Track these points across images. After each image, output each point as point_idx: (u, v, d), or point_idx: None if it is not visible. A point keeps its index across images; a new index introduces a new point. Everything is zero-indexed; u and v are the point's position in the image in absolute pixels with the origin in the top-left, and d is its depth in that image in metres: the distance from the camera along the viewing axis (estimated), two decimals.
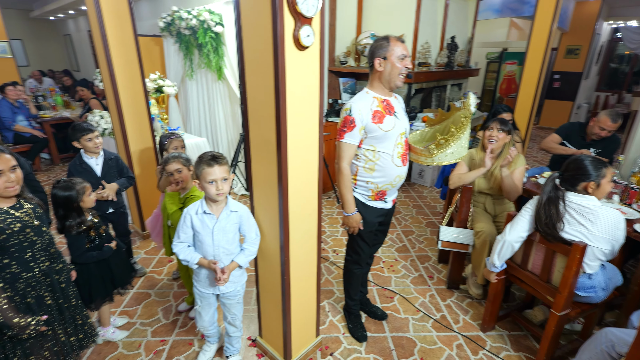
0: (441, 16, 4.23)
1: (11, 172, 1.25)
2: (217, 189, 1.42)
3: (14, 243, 1.26)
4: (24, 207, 1.32)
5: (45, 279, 1.38)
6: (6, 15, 7.70)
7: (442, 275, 2.60)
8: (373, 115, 1.58)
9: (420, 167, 4.39)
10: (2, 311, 1.22)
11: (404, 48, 1.57)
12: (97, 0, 2.33)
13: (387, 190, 1.72)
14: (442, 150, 1.65)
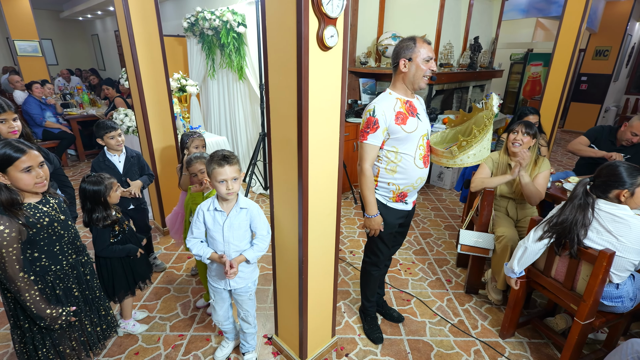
0: (465, 16, 4.16)
1: (40, 168, 1.29)
2: (227, 188, 1.45)
3: (43, 237, 1.31)
4: (50, 202, 1.36)
5: (72, 271, 1.43)
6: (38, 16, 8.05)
7: (460, 279, 2.56)
8: (396, 116, 1.58)
9: (440, 169, 4.33)
10: (34, 303, 1.27)
11: (430, 50, 1.56)
12: (125, 1, 2.41)
13: (408, 192, 1.71)
14: (464, 152, 1.63)
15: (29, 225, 1.25)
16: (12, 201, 1.22)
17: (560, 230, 1.60)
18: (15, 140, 1.27)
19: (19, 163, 1.23)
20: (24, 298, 1.25)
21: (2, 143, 1.23)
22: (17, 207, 1.23)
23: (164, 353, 1.89)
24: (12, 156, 1.22)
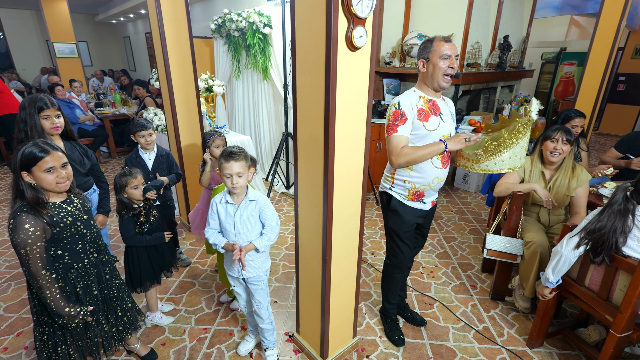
0: (494, 14, 4.04)
1: (62, 168, 1.31)
2: (232, 182, 1.51)
3: (66, 235, 1.34)
4: (74, 201, 1.40)
5: (93, 269, 1.46)
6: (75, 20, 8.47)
7: (485, 285, 2.49)
8: (418, 112, 1.58)
9: (465, 172, 4.23)
10: (54, 300, 1.30)
11: (450, 47, 1.53)
12: (158, 5, 2.49)
13: (425, 191, 1.69)
14: (491, 157, 1.57)
15: (52, 224, 1.28)
16: (37, 200, 1.25)
17: (597, 238, 1.53)
18: (42, 141, 1.30)
19: (42, 163, 1.25)
20: (45, 295, 1.28)
21: (29, 143, 1.27)
22: (42, 206, 1.26)
23: (189, 345, 1.95)
24: (37, 156, 1.25)
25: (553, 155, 2.02)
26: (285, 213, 3.62)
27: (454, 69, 1.54)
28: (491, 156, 1.57)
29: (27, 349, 1.91)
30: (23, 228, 1.20)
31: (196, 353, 1.90)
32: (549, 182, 2.12)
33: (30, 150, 1.25)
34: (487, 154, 1.58)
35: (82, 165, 1.94)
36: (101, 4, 9.91)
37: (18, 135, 1.72)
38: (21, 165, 1.24)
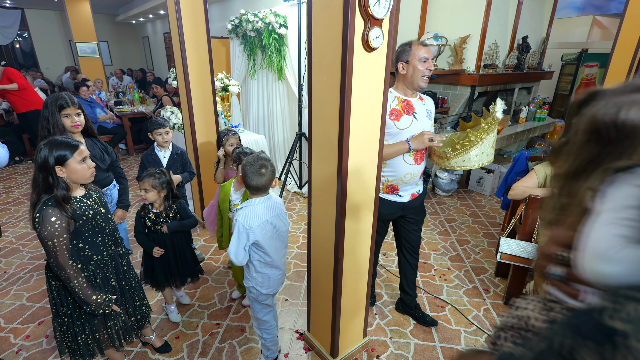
0: (513, 15, 3.97)
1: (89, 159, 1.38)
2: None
3: (87, 228, 1.39)
4: (93, 196, 1.44)
5: (111, 261, 1.50)
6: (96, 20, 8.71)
7: (499, 289, 2.45)
8: (390, 112, 1.69)
9: (479, 174, 4.17)
10: (82, 289, 1.35)
11: (426, 51, 1.65)
12: (178, 6, 2.55)
13: (398, 185, 1.81)
14: (459, 155, 1.68)
15: (75, 218, 1.32)
16: (64, 197, 1.30)
17: None
18: (63, 137, 1.35)
19: (77, 155, 1.31)
20: (73, 285, 1.33)
21: (52, 140, 1.31)
22: (67, 201, 1.31)
23: (202, 339, 1.99)
24: (71, 148, 1.30)
25: None
26: (298, 212, 3.65)
27: (431, 70, 1.67)
28: (459, 154, 1.67)
29: (47, 337, 1.99)
30: (50, 221, 1.25)
31: (208, 347, 1.94)
32: None
33: (65, 144, 1.30)
34: (455, 152, 1.68)
35: (103, 161, 2.00)
36: (122, 5, 10.16)
37: (42, 133, 1.78)
38: (56, 160, 1.27)
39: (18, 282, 2.48)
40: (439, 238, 3.14)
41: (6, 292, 2.37)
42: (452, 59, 3.94)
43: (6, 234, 3.14)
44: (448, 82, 4.06)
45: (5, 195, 4.03)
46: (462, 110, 4.12)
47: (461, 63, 3.85)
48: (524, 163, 2.81)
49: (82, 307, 1.39)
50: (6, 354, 1.87)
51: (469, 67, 3.84)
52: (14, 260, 2.75)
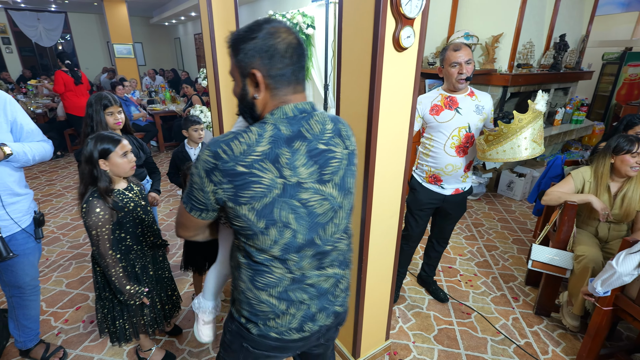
0: (550, 12, 3.80)
1: (131, 153, 1.45)
2: None
3: (128, 220, 1.46)
4: (134, 189, 1.52)
5: (149, 251, 1.59)
6: (132, 22, 9.11)
7: (529, 299, 2.35)
8: (432, 107, 1.86)
9: (510, 178, 4.02)
10: (118, 278, 1.42)
11: (455, 56, 1.76)
12: (210, 7, 2.62)
13: (440, 175, 1.92)
14: (493, 147, 1.71)
15: (117, 209, 1.40)
16: (107, 189, 1.38)
17: None
18: (108, 132, 1.43)
19: (119, 149, 1.39)
20: (110, 273, 1.41)
21: (98, 135, 1.39)
22: (109, 194, 1.39)
23: None
24: (114, 142, 1.38)
25: (634, 169, 1.86)
26: None
27: (463, 73, 1.77)
28: (492, 146, 1.72)
29: (84, 322, 2.10)
30: (94, 212, 1.33)
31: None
32: (615, 195, 1.96)
33: (108, 138, 1.38)
34: (489, 144, 1.73)
35: (139, 157, 2.09)
36: (156, 7, 10.57)
37: (85, 130, 1.88)
38: (100, 153, 1.35)
39: (58, 269, 2.64)
40: (465, 242, 3.06)
41: (48, 277, 2.53)
42: (483, 58, 3.82)
43: (48, 223, 3.34)
44: (478, 83, 3.94)
45: (48, 187, 4.30)
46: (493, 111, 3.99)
47: (493, 63, 3.72)
48: (559, 167, 2.68)
49: (116, 295, 1.48)
50: (47, 336, 2.00)
51: (501, 66, 3.71)
52: (55, 248, 2.93)
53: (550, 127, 4.30)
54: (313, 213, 0.84)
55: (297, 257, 0.87)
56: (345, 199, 0.90)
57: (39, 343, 1.84)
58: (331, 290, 0.96)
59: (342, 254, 0.96)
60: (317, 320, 0.95)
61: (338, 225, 0.91)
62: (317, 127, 0.84)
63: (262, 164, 0.77)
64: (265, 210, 0.79)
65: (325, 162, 0.84)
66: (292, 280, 0.89)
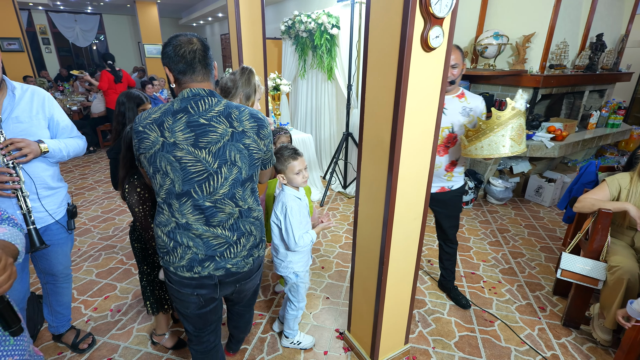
0: (587, 10, 3.63)
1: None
2: (303, 177, 1.64)
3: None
4: None
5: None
6: (162, 23, 9.41)
7: (557, 309, 2.26)
8: None
9: (539, 184, 3.87)
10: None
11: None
12: (237, 8, 2.67)
13: None
14: (472, 143, 1.75)
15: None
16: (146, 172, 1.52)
17: None
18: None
19: None
20: (154, 244, 1.52)
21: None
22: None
23: None
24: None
25: None
26: (341, 212, 3.65)
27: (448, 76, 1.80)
28: (472, 143, 1.75)
29: (112, 311, 2.19)
30: (136, 191, 1.45)
31: (252, 336, 2.01)
32: None
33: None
34: (468, 140, 1.77)
35: None
36: (185, 9, 10.88)
37: (117, 127, 1.91)
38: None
39: (89, 259, 2.77)
40: (489, 248, 2.97)
41: (79, 267, 2.66)
42: (513, 58, 3.70)
43: (80, 215, 3.51)
44: (507, 84, 3.81)
45: (81, 181, 4.51)
46: None
47: (523, 63, 3.60)
48: (593, 173, 2.56)
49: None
50: (77, 322, 2.10)
51: (532, 67, 3.58)
52: (86, 239, 3.07)
53: (583, 130, 4.11)
54: (186, 169, 1.11)
55: (177, 204, 1.15)
56: (225, 168, 1.13)
57: (70, 329, 1.93)
58: (220, 250, 1.20)
59: (230, 218, 1.19)
60: (206, 268, 1.20)
61: (216, 187, 1.14)
62: (203, 107, 1.12)
63: (151, 126, 1.10)
64: (152, 159, 1.12)
65: (203, 132, 1.10)
66: (176, 224, 1.17)
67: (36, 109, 1.51)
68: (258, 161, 1.21)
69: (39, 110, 1.52)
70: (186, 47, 1.11)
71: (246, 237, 1.24)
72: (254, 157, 1.18)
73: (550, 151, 3.52)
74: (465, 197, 3.69)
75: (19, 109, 1.45)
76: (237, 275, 1.27)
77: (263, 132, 1.19)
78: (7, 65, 6.35)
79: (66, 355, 1.87)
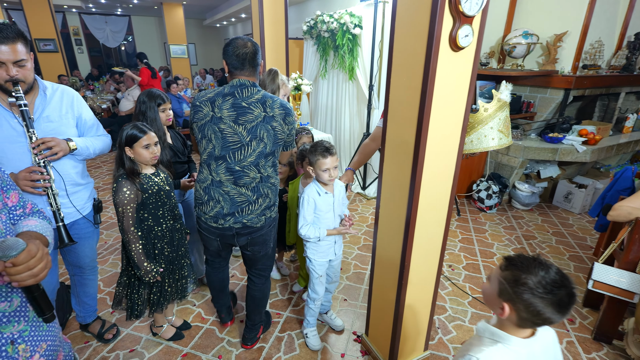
0: (625, 8, 3.45)
1: (155, 146, 1.58)
2: (329, 175, 1.65)
3: (151, 202, 1.59)
4: (160, 175, 1.65)
5: (168, 233, 1.69)
6: (187, 24, 9.63)
7: (587, 322, 2.15)
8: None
9: (568, 189, 3.70)
10: (137, 254, 1.56)
11: None
12: (261, 9, 2.70)
13: None
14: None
15: (142, 190, 1.54)
16: (132, 170, 1.53)
17: None
18: (141, 123, 1.58)
19: (141, 141, 1.53)
20: (130, 248, 1.55)
21: (131, 125, 1.55)
22: (135, 175, 1.53)
23: None
24: (137, 135, 1.53)
25: None
26: (360, 213, 3.62)
27: None
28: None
29: None
30: (122, 190, 1.49)
31: (269, 335, 2.02)
32: None
33: (132, 132, 1.53)
34: None
35: (183, 154, 2.17)
36: (209, 10, 11.10)
37: None
38: (125, 142, 1.52)
39: (115, 252, 2.86)
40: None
41: (105, 259, 2.75)
42: (543, 58, 3.56)
43: (107, 210, 3.64)
44: (536, 85, 3.67)
45: (108, 177, 4.68)
46: (552, 116, 3.70)
47: (554, 63, 3.46)
48: (629, 180, 2.42)
49: (135, 271, 1.61)
50: (103, 313, 2.17)
51: (563, 67, 3.44)
52: (113, 233, 3.17)
53: (618, 134, 3.90)
54: (226, 139, 1.48)
55: (215, 165, 1.52)
56: (254, 142, 1.49)
57: (96, 319, 2.00)
58: (242, 206, 1.55)
59: (253, 182, 1.54)
60: (227, 221, 1.57)
61: (245, 155, 1.50)
62: (246, 94, 1.47)
63: (205, 103, 1.49)
64: (202, 127, 1.50)
65: (243, 112, 1.46)
66: (212, 181, 1.54)
67: (66, 109, 1.55)
68: (281, 141, 1.55)
69: (68, 109, 1.56)
70: (241, 50, 1.45)
71: (263, 198, 1.58)
72: (278, 138, 1.52)
73: (582, 155, 3.36)
74: (489, 202, 3.58)
75: (49, 109, 1.49)
76: (250, 229, 1.60)
77: (288, 119, 1.52)
78: (43, 65, 6.67)
79: (92, 345, 1.94)
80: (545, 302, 0.80)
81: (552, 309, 0.80)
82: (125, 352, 1.90)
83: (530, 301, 0.80)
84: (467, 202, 3.90)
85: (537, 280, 0.80)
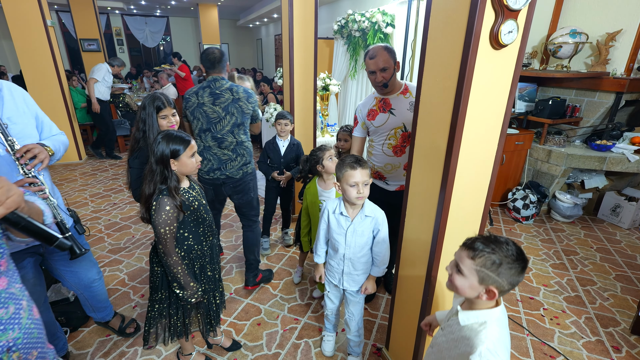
0: None
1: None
2: (358, 192, 1.40)
3: (192, 219, 1.43)
4: (195, 187, 1.49)
5: (208, 251, 1.54)
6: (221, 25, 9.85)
7: (635, 351, 1.93)
8: (368, 113, 2.00)
9: (616, 202, 3.39)
10: (183, 276, 1.41)
11: (369, 65, 1.84)
12: (291, 8, 2.66)
13: (382, 173, 2.04)
14: None
15: (184, 209, 1.37)
16: (176, 188, 1.36)
17: None
18: (176, 131, 1.38)
19: (189, 149, 1.36)
20: (177, 270, 1.39)
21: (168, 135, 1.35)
22: (177, 192, 1.36)
23: (280, 331, 2.04)
24: (185, 144, 1.35)
25: None
26: None
27: (380, 80, 1.84)
28: None
29: None
30: (164, 209, 1.32)
31: (286, 341, 1.97)
32: None
33: (176, 143, 1.34)
34: None
35: None
36: (243, 10, 11.30)
37: (136, 135, 1.73)
38: (171, 153, 1.33)
39: (141, 246, 2.93)
40: (552, 272, 2.65)
41: (132, 253, 2.82)
42: (592, 59, 3.28)
43: (133, 205, 3.75)
44: (583, 87, 3.39)
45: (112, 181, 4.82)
46: (600, 121, 3.40)
47: (605, 64, 3.17)
48: None
49: (179, 292, 1.43)
50: (125, 307, 2.21)
51: (615, 69, 3.14)
52: (140, 227, 3.26)
53: None
54: (208, 116, 2.02)
55: (204, 135, 2.06)
56: (228, 116, 2.02)
57: (115, 315, 2.00)
58: (225, 162, 2.10)
59: (232, 145, 2.07)
60: (215, 174, 2.12)
61: (223, 126, 2.03)
62: (218, 85, 2.00)
63: (192, 95, 2.04)
64: (192, 112, 2.05)
65: (217, 97, 2.00)
66: (204, 147, 2.08)
67: (22, 107, 1.35)
68: (248, 115, 2.08)
69: (24, 108, 1.36)
70: (211, 55, 2.00)
71: (240, 157, 2.12)
72: (244, 112, 2.05)
73: (634, 165, 3.06)
74: (525, 212, 3.35)
75: (7, 109, 1.30)
76: (232, 180, 2.15)
77: (250, 100, 2.06)
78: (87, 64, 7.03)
79: (113, 338, 1.97)
80: (519, 269, 0.89)
81: (523, 273, 0.90)
82: (142, 349, 1.91)
83: (512, 276, 0.89)
84: (501, 212, 3.67)
85: (509, 255, 0.89)
